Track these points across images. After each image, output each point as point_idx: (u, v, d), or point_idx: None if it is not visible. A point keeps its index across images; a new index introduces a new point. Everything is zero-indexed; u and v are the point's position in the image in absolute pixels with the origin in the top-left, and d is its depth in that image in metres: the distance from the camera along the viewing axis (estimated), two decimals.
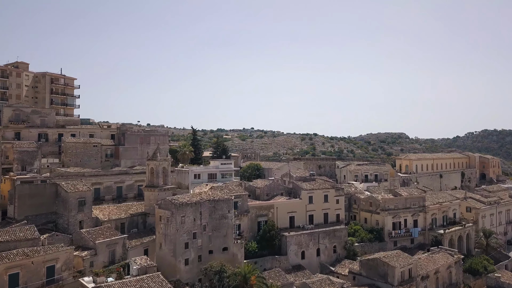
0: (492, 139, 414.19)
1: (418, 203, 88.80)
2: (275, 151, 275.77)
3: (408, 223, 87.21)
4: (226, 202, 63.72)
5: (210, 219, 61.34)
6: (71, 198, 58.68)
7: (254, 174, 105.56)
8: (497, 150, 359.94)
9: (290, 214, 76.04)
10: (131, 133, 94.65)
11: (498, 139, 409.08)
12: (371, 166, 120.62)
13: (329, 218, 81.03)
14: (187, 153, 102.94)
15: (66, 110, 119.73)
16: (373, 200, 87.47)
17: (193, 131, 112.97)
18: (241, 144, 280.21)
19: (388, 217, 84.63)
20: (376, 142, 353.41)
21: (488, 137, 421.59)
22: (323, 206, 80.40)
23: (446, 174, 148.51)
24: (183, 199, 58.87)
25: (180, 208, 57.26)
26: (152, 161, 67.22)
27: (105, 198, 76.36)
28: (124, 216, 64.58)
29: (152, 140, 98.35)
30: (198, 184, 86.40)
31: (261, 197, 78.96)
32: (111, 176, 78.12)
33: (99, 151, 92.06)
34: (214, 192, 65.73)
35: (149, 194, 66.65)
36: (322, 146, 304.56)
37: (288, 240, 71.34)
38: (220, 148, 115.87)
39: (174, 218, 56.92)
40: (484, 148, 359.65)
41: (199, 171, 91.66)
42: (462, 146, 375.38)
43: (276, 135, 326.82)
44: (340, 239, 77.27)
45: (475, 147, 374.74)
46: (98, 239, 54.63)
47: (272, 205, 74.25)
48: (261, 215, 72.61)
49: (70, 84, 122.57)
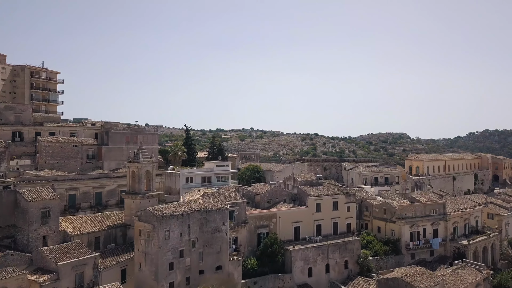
0: (494, 139, 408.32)
1: (438, 210, 78.80)
2: (275, 151, 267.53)
3: (427, 233, 77.21)
4: (220, 212, 53.72)
5: (200, 233, 51.32)
6: (32, 208, 48.50)
7: (254, 177, 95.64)
8: (499, 150, 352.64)
9: (295, 224, 66.01)
10: (115, 132, 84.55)
11: (499, 139, 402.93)
12: (381, 168, 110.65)
13: (339, 228, 70.99)
14: (179, 154, 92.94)
15: (48, 107, 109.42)
16: (388, 207, 77.46)
17: (186, 129, 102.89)
18: (240, 144, 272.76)
19: (405, 227, 74.61)
20: (377, 142, 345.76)
21: (489, 137, 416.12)
22: (332, 214, 70.39)
23: (459, 176, 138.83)
24: (167, 210, 48.78)
25: (163, 220, 47.20)
26: (133, 164, 57.10)
27: (81, 206, 66.25)
28: (99, 228, 54.39)
29: (140, 139, 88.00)
30: (190, 188, 76.42)
31: (261, 204, 68.92)
32: (89, 181, 68.02)
33: (79, 152, 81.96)
34: (206, 200, 55.66)
35: (129, 202, 56.51)
36: (323, 146, 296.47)
37: (293, 255, 61.33)
38: (216, 149, 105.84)
39: (156, 233, 46.84)
40: (485, 149, 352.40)
41: (191, 174, 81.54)
42: (463, 146, 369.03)
43: (276, 135, 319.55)
44: (352, 252, 67.24)
45: (477, 147, 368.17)
46: (62, 259, 44.47)
47: (274, 214, 64.20)
48: (262, 226, 62.56)
49: (53, 78, 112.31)
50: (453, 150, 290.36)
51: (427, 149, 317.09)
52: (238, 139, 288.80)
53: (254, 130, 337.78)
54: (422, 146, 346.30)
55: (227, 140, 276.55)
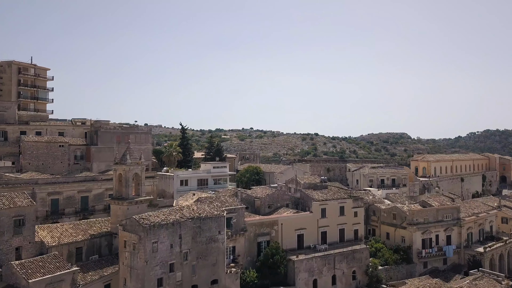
0: (495, 139, 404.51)
1: (452, 215, 73.28)
2: (275, 151, 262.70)
3: (440, 240, 71.72)
4: (215, 220, 48.24)
5: (194, 244, 45.84)
6: (4, 216, 42.91)
7: (253, 179, 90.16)
8: (500, 150, 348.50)
9: (299, 231, 60.53)
10: (105, 131, 78.92)
11: (500, 139, 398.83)
12: (388, 169, 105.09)
13: (346, 235, 65.53)
14: (173, 155, 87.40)
15: (37, 105, 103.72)
16: (398, 212, 72.00)
17: (182, 128, 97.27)
18: (239, 144, 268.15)
19: (417, 233, 69.14)
20: (378, 142, 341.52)
21: (490, 137, 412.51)
22: (338, 220, 64.90)
23: (467, 178, 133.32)
24: (155, 218, 43.27)
25: (151, 231, 41.70)
26: (120, 166, 51.60)
27: (65, 212, 60.83)
28: (81, 238, 48.82)
29: (132, 139, 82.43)
30: (185, 192, 71.07)
31: (261, 209, 63.44)
32: (74, 184, 62.55)
33: (66, 153, 76.42)
34: (201, 206, 50.14)
35: (116, 208, 51.02)
36: (323, 147, 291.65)
37: (297, 266, 55.82)
38: (214, 149, 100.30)
39: (142, 245, 41.34)
40: (486, 149, 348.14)
41: (186, 176, 76.08)
42: (464, 146, 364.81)
43: (276, 135, 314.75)
44: (360, 262, 61.77)
45: (478, 147, 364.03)
46: (35, 275, 39.04)
47: (276, 221, 58.69)
48: (262, 234, 57.05)
49: (42, 75, 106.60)
50: (454, 150, 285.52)
51: (429, 149, 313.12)
52: (238, 139, 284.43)
53: (254, 130, 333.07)
54: (424, 146, 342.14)
55: (226, 140, 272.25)
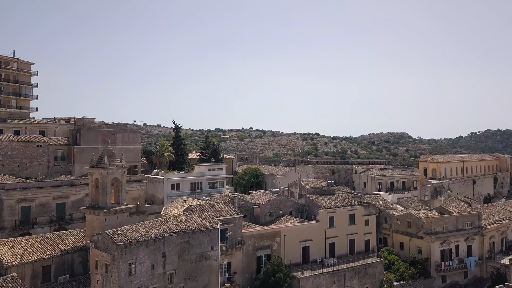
0: (496, 139, 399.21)
1: (473, 222, 65.95)
2: (275, 151, 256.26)
3: (461, 251, 64.39)
4: (207, 233, 40.88)
5: (181, 263, 38.45)
6: None
7: (252, 182, 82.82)
8: (502, 150, 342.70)
9: (304, 243, 53.17)
10: (89, 129, 71.51)
11: (502, 139, 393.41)
12: (397, 171, 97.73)
13: (357, 247, 58.23)
14: (165, 156, 79.97)
15: (19, 102, 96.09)
16: (413, 219, 64.65)
17: (175, 127, 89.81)
18: (239, 144, 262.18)
19: (435, 243, 61.78)
20: (380, 142, 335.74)
21: (491, 137, 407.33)
22: (348, 230, 57.59)
23: (479, 179, 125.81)
24: (133, 234, 35.85)
25: (127, 250, 34.30)
26: (96, 169, 44.23)
27: (38, 221, 53.52)
28: (49, 254, 41.50)
29: (119, 138, 75.37)
30: (177, 197, 63.81)
31: (261, 218, 56.09)
32: (49, 189, 55.21)
33: (45, 153, 69.12)
34: (190, 217, 42.74)
35: (91, 218, 43.70)
36: (324, 146, 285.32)
37: (302, 285, 48.52)
38: (210, 149, 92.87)
39: (116, 267, 33.93)
40: (488, 149, 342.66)
41: (178, 180, 68.68)
42: (465, 146, 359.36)
43: (275, 135, 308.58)
44: (374, 277, 54.46)
45: (479, 147, 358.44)
46: None
47: (278, 232, 51.32)
48: (262, 247, 49.70)
49: (26, 69, 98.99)
50: (456, 151, 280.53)
51: (431, 149, 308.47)
52: (237, 139, 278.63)
53: (253, 130, 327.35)
54: (426, 146, 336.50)
55: (225, 140, 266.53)
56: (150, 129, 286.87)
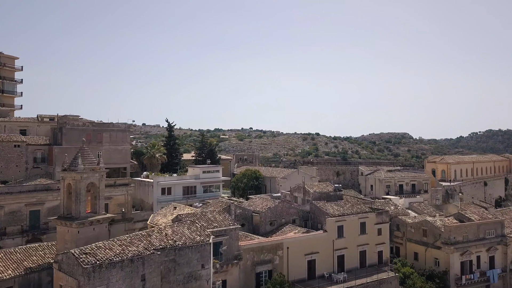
0: (497, 139, 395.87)
1: (495, 230, 59.64)
2: (275, 151, 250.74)
3: (482, 262, 58.10)
4: (198, 249, 34.57)
5: (165, 286, 32.11)
6: None
7: (251, 185, 76.48)
8: (503, 151, 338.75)
9: (309, 256, 46.82)
10: (72, 128, 65.09)
11: (503, 140, 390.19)
12: (407, 173, 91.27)
13: (368, 259, 51.88)
14: (156, 157, 73.56)
15: (2, 99, 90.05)
16: (429, 227, 58.34)
17: (169, 125, 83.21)
18: (238, 144, 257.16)
19: (455, 254, 55.47)
20: (381, 142, 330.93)
21: (492, 138, 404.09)
22: (358, 240, 51.25)
23: (490, 181, 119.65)
24: (105, 253, 29.50)
25: (96, 273, 27.95)
26: (68, 173, 37.96)
27: (7, 231, 47.17)
28: (11, 274, 35.15)
29: (106, 137, 68.94)
30: (168, 202, 57.57)
31: (261, 227, 49.74)
32: (21, 195, 48.85)
33: (23, 154, 62.70)
34: (178, 229, 36.42)
35: (63, 231, 37.40)
36: (325, 147, 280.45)
37: None
38: (206, 149, 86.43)
39: None
40: (489, 149, 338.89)
41: (169, 183, 62.32)
42: (466, 146, 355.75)
43: (275, 135, 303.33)
44: None
45: (480, 147, 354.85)
46: None
47: (280, 244, 44.96)
48: (262, 262, 43.34)
49: (9, 64, 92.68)
50: (458, 151, 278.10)
51: (433, 150, 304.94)
52: (237, 139, 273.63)
53: (253, 130, 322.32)
54: (427, 146, 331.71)
55: (225, 140, 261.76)
56: (149, 129, 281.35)
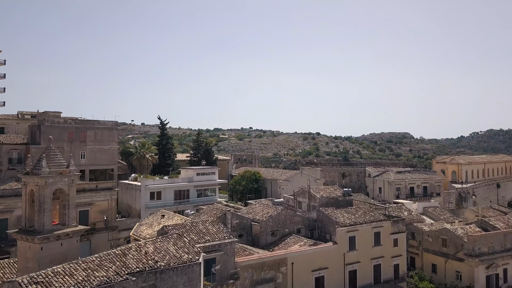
0: (499, 139, 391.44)
1: None
2: (275, 151, 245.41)
3: (509, 276, 51.83)
4: (184, 271, 28.28)
5: None
6: None
7: (251, 188, 70.21)
8: (504, 150, 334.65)
9: (317, 273, 40.54)
10: (51, 125, 58.82)
11: (504, 139, 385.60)
12: (417, 175, 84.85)
13: (383, 274, 45.65)
14: (146, 157, 67.26)
15: None
16: (450, 236, 52.02)
17: (161, 123, 76.56)
18: (238, 144, 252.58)
19: (480, 268, 49.16)
20: (382, 142, 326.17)
21: (494, 137, 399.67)
22: (372, 253, 45.01)
23: (503, 183, 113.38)
24: (63, 282, 23.16)
25: None
26: (31, 178, 31.75)
27: None
28: None
29: (90, 136, 62.77)
30: (157, 208, 51.41)
31: (261, 238, 43.44)
32: None
33: None
34: (162, 245, 30.11)
35: (24, 246, 31.19)
36: (326, 146, 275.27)
37: None
38: (201, 149, 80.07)
39: None
40: (490, 149, 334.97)
41: (158, 187, 55.97)
42: (467, 146, 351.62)
43: (275, 134, 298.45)
44: None
45: (481, 147, 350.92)
46: None
47: (284, 259, 38.66)
48: (263, 281, 37.04)
49: None
50: (460, 151, 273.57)
51: (435, 149, 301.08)
52: (236, 139, 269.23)
53: (253, 129, 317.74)
54: (429, 146, 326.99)
55: (224, 139, 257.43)
56: (148, 129, 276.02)
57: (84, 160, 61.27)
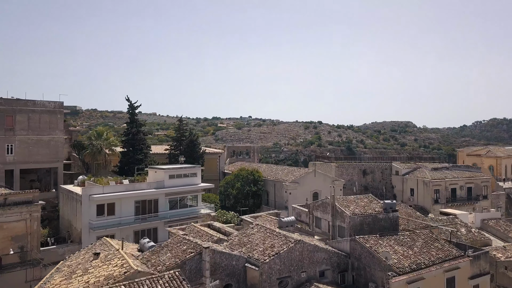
0: (502, 128, 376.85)
1: None
2: (275, 141, 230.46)
3: None
4: None
5: None
6: None
7: (247, 192, 52.49)
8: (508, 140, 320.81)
9: None
10: None
11: (508, 128, 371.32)
12: (459, 172, 66.91)
13: None
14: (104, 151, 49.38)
15: None
16: None
17: (131, 107, 57.81)
18: (236, 133, 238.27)
19: None
20: (385, 131, 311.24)
21: (497, 126, 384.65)
22: None
23: None
24: None
25: None
26: None
27: None
28: None
29: (22, 122, 44.83)
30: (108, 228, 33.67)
31: None
32: None
33: None
34: None
35: None
36: (328, 136, 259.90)
37: None
38: (185, 141, 61.98)
39: None
40: (493, 138, 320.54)
41: (110, 197, 37.85)
42: (470, 135, 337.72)
43: (275, 123, 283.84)
44: None
45: (484, 136, 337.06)
46: None
47: None
48: None
49: None
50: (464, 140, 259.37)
51: (440, 139, 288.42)
52: (235, 128, 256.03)
53: (252, 118, 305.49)
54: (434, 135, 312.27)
55: (222, 128, 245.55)
56: (145, 118, 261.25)
57: (11, 155, 43.56)
